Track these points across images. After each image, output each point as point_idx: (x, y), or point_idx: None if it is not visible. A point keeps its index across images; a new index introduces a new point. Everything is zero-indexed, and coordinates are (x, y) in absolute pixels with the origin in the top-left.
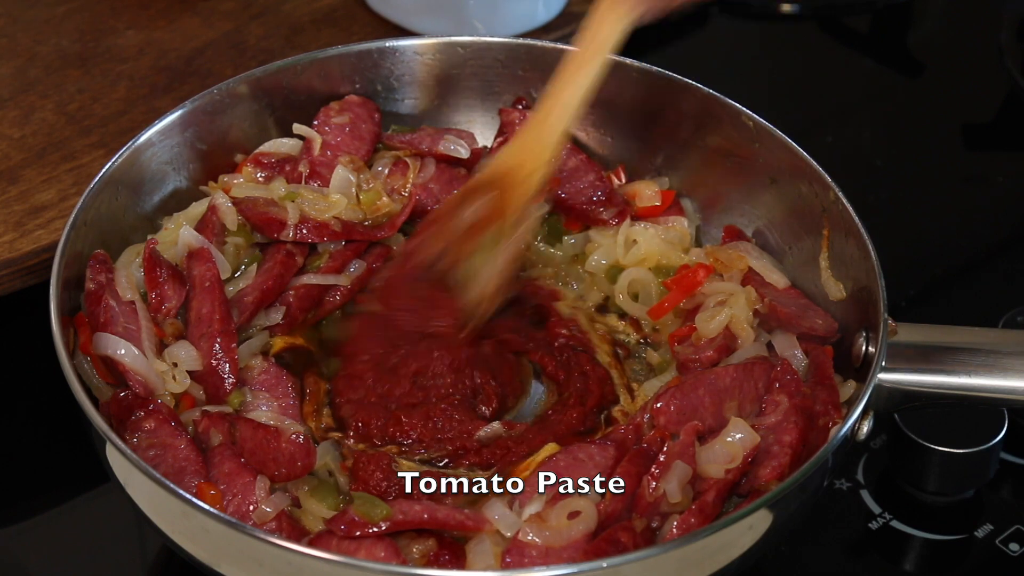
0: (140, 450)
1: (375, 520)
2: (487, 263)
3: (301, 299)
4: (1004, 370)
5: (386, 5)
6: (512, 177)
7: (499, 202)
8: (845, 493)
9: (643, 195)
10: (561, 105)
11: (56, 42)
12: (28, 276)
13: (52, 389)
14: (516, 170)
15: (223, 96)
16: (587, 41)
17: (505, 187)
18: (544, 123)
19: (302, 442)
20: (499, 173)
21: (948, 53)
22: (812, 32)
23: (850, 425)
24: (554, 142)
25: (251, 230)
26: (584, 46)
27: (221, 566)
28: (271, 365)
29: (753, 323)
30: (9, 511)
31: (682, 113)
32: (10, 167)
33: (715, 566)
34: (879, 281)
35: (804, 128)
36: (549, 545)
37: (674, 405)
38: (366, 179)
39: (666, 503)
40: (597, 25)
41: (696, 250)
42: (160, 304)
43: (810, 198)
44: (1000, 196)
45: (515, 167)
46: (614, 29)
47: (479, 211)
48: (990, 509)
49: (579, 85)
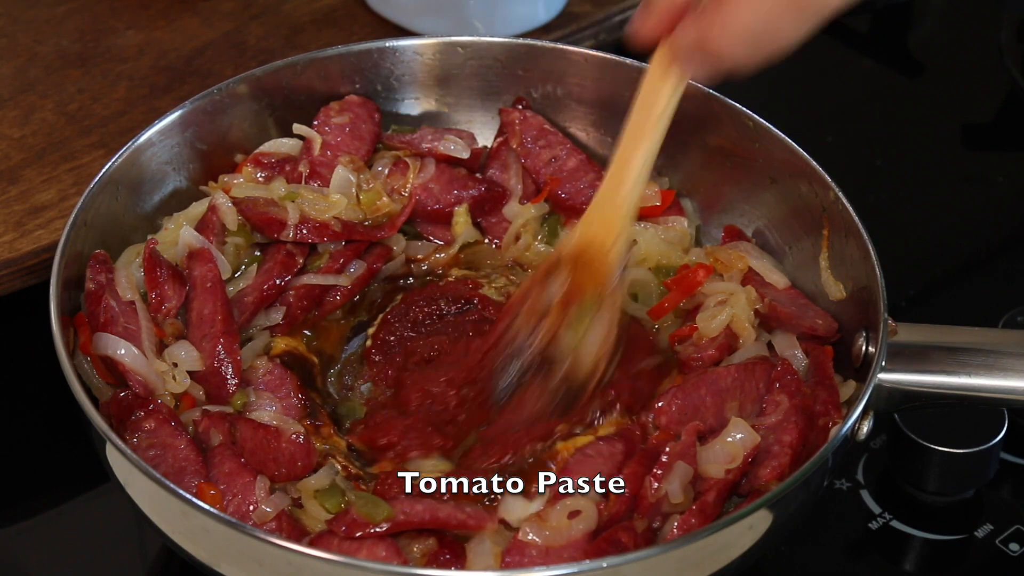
0: (140, 450)
1: (377, 520)
2: (587, 336)
3: (301, 299)
4: (1004, 370)
5: (386, 5)
6: (590, 251)
7: (582, 276)
8: (845, 493)
9: (643, 195)
10: (627, 174)
11: (56, 42)
12: (28, 276)
13: (52, 389)
14: (592, 243)
15: (223, 96)
16: (645, 108)
17: (586, 261)
18: (613, 194)
19: (302, 442)
20: (577, 248)
21: (948, 53)
22: None
23: (850, 425)
24: (626, 212)
25: (251, 230)
26: (643, 113)
27: (221, 566)
28: (275, 366)
29: (754, 323)
30: (9, 511)
31: (682, 113)
32: (10, 167)
33: (715, 566)
34: (879, 281)
35: (804, 128)
36: (549, 545)
37: (676, 405)
38: (366, 179)
39: (668, 503)
40: (652, 90)
41: (696, 250)
42: (160, 304)
43: (810, 198)
44: (1000, 196)
45: (590, 241)
46: (671, 92)
47: (563, 287)
48: (990, 509)
49: (643, 153)
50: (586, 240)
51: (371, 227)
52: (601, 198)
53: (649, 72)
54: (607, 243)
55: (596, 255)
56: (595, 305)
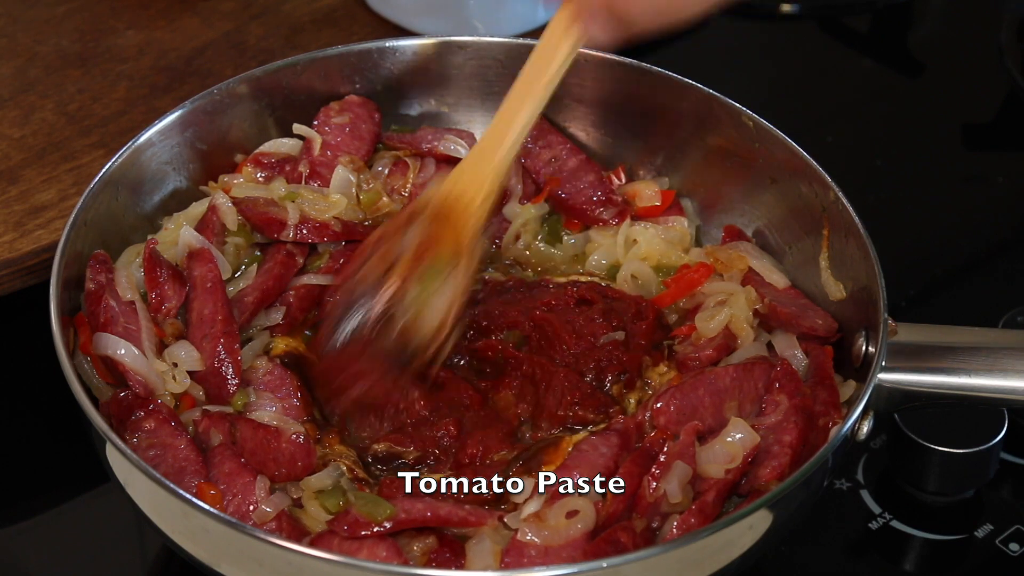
0: (140, 450)
1: (378, 520)
2: (436, 295)
3: (301, 299)
4: (1004, 370)
5: (386, 5)
6: (455, 205)
7: (442, 230)
8: (845, 493)
9: (643, 195)
10: (507, 133)
11: (56, 42)
12: (28, 276)
13: (52, 389)
14: (460, 198)
15: (223, 96)
16: (537, 69)
17: (448, 215)
18: (489, 151)
19: (302, 442)
20: (442, 200)
21: (948, 53)
22: (812, 32)
23: (850, 425)
24: (499, 171)
25: (251, 230)
26: (534, 74)
27: (221, 566)
28: (276, 366)
29: (753, 323)
30: (9, 511)
31: (682, 113)
32: (10, 167)
33: (715, 566)
34: (879, 281)
35: (804, 128)
36: (548, 544)
37: (674, 405)
38: (366, 179)
39: (666, 503)
40: (548, 52)
41: (696, 250)
42: (160, 304)
43: (810, 198)
44: (1000, 196)
45: (459, 195)
46: (565, 57)
47: (421, 237)
48: (990, 509)
49: (526, 113)
50: (454, 194)
51: (371, 227)
52: (477, 153)
53: (548, 30)
54: (475, 200)
55: (461, 211)
56: (449, 264)
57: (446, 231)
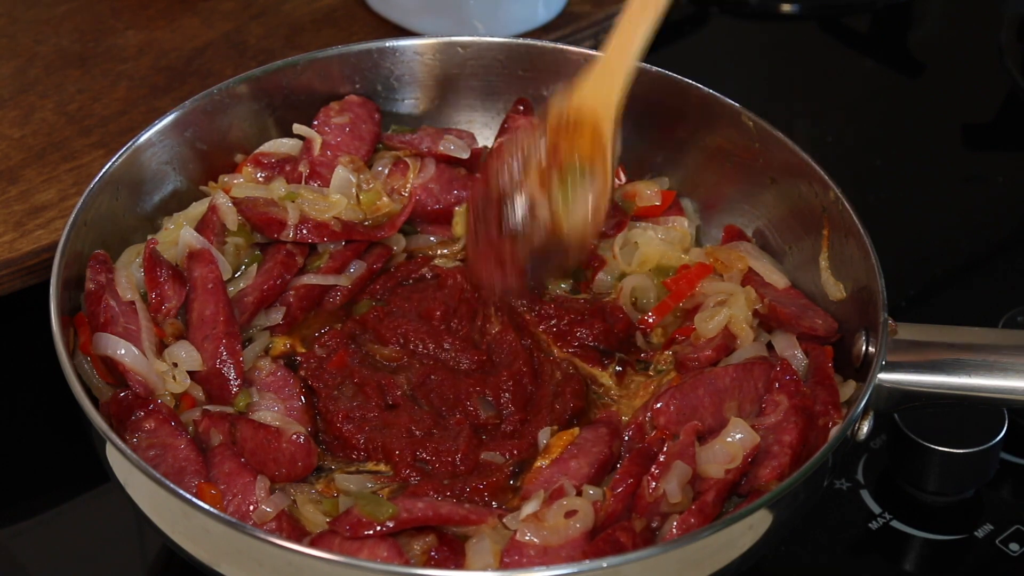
0: (140, 450)
1: (380, 519)
2: (578, 196)
3: (301, 299)
4: (1004, 370)
5: (386, 5)
6: (586, 120)
7: (576, 139)
8: (845, 493)
9: (643, 195)
10: (627, 46)
11: (56, 42)
12: (28, 276)
13: (52, 389)
14: (591, 108)
15: (223, 96)
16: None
17: (579, 125)
18: (614, 60)
19: (302, 442)
20: (573, 112)
21: (948, 53)
22: (812, 32)
23: (850, 425)
24: (624, 85)
25: (251, 230)
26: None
27: (221, 566)
28: (278, 367)
29: (753, 323)
30: (9, 511)
31: (682, 113)
32: (10, 167)
33: (715, 566)
34: (879, 281)
35: (804, 128)
36: (547, 544)
37: (674, 405)
38: (366, 179)
39: (666, 503)
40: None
41: (696, 250)
42: (160, 304)
43: (810, 198)
44: (1000, 196)
45: (590, 106)
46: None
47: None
48: (990, 509)
49: (644, 24)
50: (586, 105)
51: (371, 227)
52: (603, 68)
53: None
54: (604, 112)
55: (590, 123)
56: (584, 173)
57: (580, 139)
